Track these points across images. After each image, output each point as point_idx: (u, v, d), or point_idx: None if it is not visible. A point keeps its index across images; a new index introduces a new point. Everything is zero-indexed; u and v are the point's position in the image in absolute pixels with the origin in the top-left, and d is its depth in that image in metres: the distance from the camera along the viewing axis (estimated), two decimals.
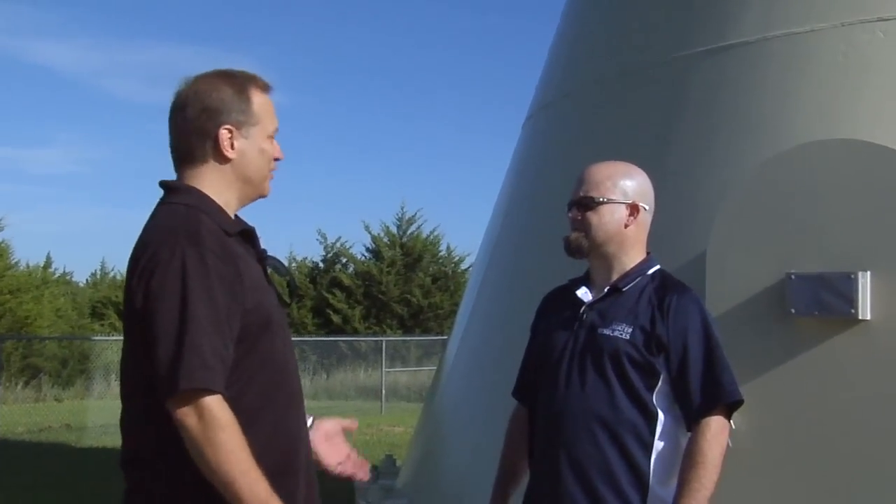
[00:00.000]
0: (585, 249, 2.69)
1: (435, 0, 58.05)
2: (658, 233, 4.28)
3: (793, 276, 3.48)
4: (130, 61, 57.97)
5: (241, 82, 2.30)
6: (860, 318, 3.36)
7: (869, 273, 3.37)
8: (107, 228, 62.39)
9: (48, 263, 32.15)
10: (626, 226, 2.68)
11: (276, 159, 2.35)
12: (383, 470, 6.51)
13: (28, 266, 29.95)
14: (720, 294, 3.67)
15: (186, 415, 2.01)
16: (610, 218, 2.67)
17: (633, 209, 2.69)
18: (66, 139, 65.47)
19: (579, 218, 2.69)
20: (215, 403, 2.02)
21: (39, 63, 56.63)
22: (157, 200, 2.29)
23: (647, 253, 2.75)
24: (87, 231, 62.77)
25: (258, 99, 2.30)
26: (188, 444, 2.02)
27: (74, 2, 56.14)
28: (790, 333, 3.50)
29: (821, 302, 3.42)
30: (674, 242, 4.18)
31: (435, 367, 10.65)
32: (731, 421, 2.62)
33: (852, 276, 3.37)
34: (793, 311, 3.47)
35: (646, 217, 2.73)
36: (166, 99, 2.31)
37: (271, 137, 2.33)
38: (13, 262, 27.77)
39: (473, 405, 5.36)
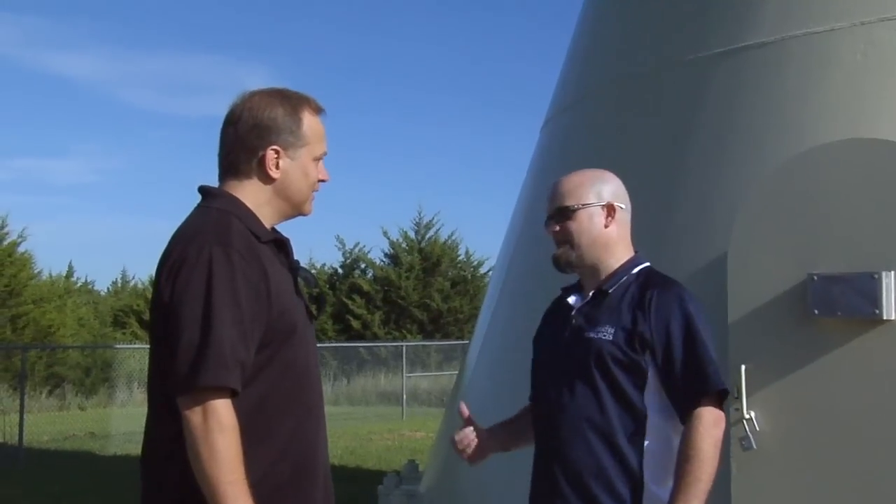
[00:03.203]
0: (575, 262, 2.69)
1: (451, 3, 58.17)
2: (679, 234, 4.28)
3: (815, 277, 3.46)
4: (146, 71, 58.43)
5: (294, 103, 2.33)
6: (884, 318, 3.33)
7: (893, 273, 3.34)
8: (127, 237, 62.95)
9: (70, 273, 32.55)
10: (605, 226, 2.67)
11: (322, 181, 2.39)
12: (406, 475, 6.52)
13: (50, 276, 30.29)
14: (742, 295, 3.66)
15: (193, 412, 2.03)
16: (589, 223, 2.66)
17: (610, 209, 2.68)
18: (85, 149, 66.07)
19: (558, 230, 2.69)
20: (223, 406, 2.05)
21: (57, 74, 57.19)
22: (192, 207, 2.33)
23: (635, 252, 2.74)
24: (108, 240, 63.32)
25: (309, 121, 2.33)
26: (187, 441, 2.04)
27: (91, 13, 56.64)
28: (813, 334, 3.48)
29: (844, 302, 3.40)
30: (695, 243, 4.16)
31: (456, 372, 10.65)
32: (746, 421, 2.60)
33: (875, 276, 3.34)
34: (815, 311, 3.45)
35: (624, 216, 2.71)
36: (182, 108, 2.35)
37: (318, 160, 2.36)
38: (36, 271, 28.03)
39: (495, 410, 5.35)
